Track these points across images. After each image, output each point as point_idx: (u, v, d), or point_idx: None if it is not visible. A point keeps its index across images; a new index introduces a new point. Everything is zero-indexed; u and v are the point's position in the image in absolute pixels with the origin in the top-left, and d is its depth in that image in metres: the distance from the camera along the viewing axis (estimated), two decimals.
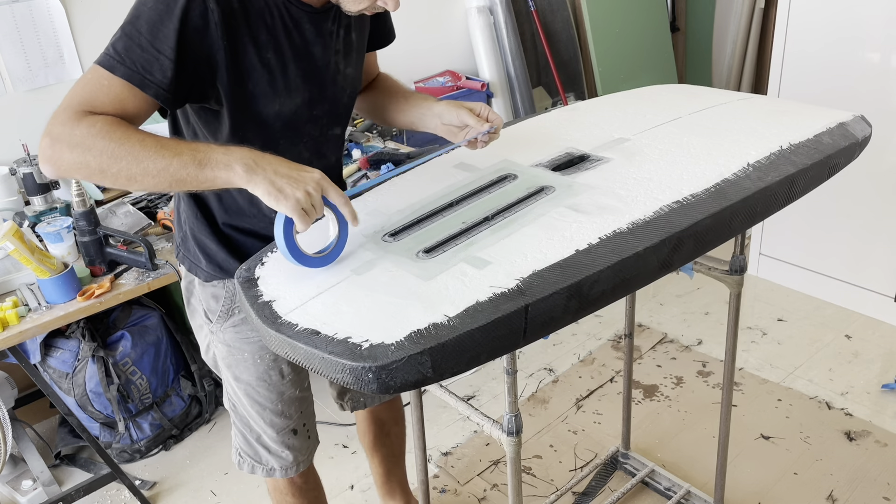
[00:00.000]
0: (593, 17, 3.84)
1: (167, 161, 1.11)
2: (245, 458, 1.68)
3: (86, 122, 1.11)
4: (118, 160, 1.10)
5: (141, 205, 2.51)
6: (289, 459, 1.66)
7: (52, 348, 2.41)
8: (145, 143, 1.11)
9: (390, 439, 2.06)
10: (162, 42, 1.15)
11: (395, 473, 2.13)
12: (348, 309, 1.07)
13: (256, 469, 1.67)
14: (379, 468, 2.12)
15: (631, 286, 1.21)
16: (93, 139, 1.10)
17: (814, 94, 2.91)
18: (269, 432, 1.62)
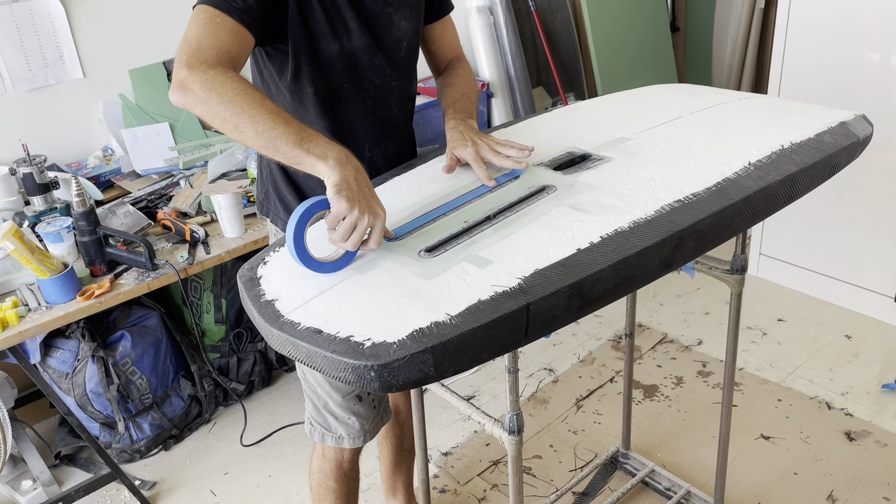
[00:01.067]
0: (593, 17, 3.84)
1: (275, 126, 1.19)
2: (315, 427, 1.71)
3: (219, 67, 1.23)
4: (234, 107, 1.19)
5: (141, 205, 2.51)
6: (355, 427, 1.67)
7: (52, 348, 2.41)
8: (265, 103, 1.21)
9: (402, 430, 2.07)
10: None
11: (401, 469, 2.13)
12: (350, 308, 1.07)
13: (326, 437, 1.70)
14: (386, 459, 2.13)
15: (632, 285, 1.21)
16: (221, 82, 1.20)
17: (814, 94, 2.91)
18: (334, 397, 1.64)
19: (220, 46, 1.25)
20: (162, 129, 2.78)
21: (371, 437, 1.72)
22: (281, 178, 1.58)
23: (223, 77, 1.21)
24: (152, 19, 2.83)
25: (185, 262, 2.23)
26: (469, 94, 1.64)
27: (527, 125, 1.71)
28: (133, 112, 2.78)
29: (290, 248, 1.14)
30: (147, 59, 2.84)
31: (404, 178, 1.48)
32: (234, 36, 1.27)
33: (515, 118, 3.03)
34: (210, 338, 2.74)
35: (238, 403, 2.77)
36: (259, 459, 2.54)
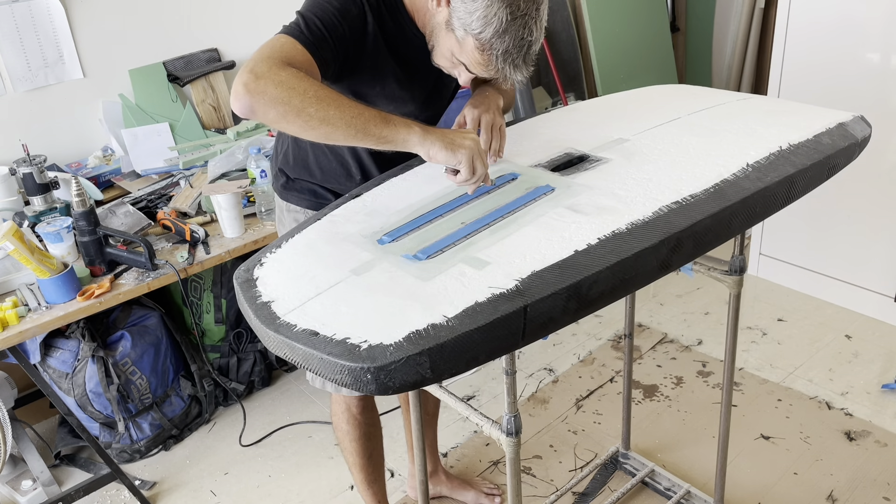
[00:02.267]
0: (593, 17, 3.84)
1: (360, 111, 1.28)
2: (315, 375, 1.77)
3: (291, 69, 1.26)
4: (320, 101, 1.24)
5: (141, 205, 2.51)
6: None
7: (52, 348, 2.41)
8: (340, 96, 1.28)
9: (425, 394, 2.07)
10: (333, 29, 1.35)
11: (427, 434, 2.15)
12: (347, 310, 1.07)
13: (326, 385, 1.74)
14: (409, 429, 2.17)
15: (630, 287, 1.21)
16: (299, 81, 1.24)
17: (814, 94, 2.91)
18: None
19: (292, 59, 1.28)
20: (162, 129, 2.78)
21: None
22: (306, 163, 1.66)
23: (298, 76, 1.25)
24: (152, 19, 2.83)
25: (185, 262, 2.23)
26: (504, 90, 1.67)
27: (526, 125, 1.71)
28: (133, 112, 2.78)
29: None
30: (147, 59, 2.84)
31: (402, 178, 1.48)
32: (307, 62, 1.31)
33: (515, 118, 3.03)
34: (210, 338, 2.75)
35: (238, 403, 2.77)
36: (259, 459, 2.54)
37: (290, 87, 1.23)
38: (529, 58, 1.34)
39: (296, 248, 1.28)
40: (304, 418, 2.69)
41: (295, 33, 1.32)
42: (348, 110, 1.26)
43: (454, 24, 1.32)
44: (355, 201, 1.41)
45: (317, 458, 2.51)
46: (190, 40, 2.94)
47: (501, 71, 1.33)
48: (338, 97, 1.27)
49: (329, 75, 1.38)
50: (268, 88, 1.22)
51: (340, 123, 1.25)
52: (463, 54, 1.35)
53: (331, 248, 1.25)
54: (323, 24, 1.33)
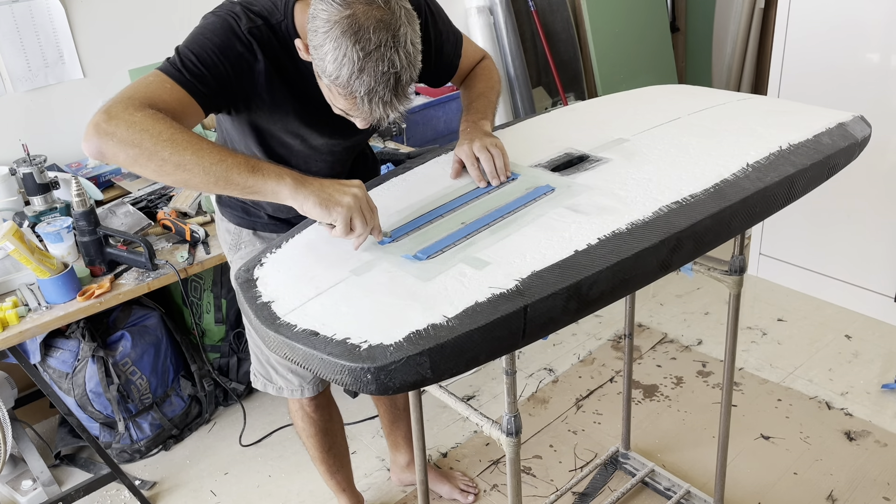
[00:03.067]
0: (593, 17, 3.84)
1: (222, 157, 1.18)
2: (258, 377, 1.85)
3: (148, 110, 1.18)
4: (175, 145, 1.16)
5: (141, 205, 2.51)
6: (294, 382, 1.80)
7: (52, 348, 2.41)
8: (202, 140, 1.19)
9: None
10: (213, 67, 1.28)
11: (399, 426, 2.23)
12: (347, 310, 1.07)
13: (268, 387, 1.83)
14: (384, 418, 2.24)
15: (630, 287, 1.21)
16: (154, 123, 1.16)
17: (814, 94, 2.91)
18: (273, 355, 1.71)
19: (155, 99, 1.21)
20: None
21: (315, 392, 1.82)
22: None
23: (154, 117, 1.17)
24: (152, 19, 2.83)
25: (185, 262, 2.23)
26: (486, 93, 1.63)
27: (526, 125, 1.71)
28: None
29: None
30: (147, 60, 2.84)
31: (402, 179, 1.48)
32: (176, 101, 1.24)
33: (515, 118, 3.03)
34: (210, 338, 2.75)
35: (238, 403, 2.77)
36: (259, 459, 2.54)
37: (142, 129, 1.15)
38: (402, 88, 1.19)
39: (296, 248, 1.28)
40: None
41: (168, 70, 1.26)
42: (208, 156, 1.17)
43: (317, 71, 1.23)
44: None
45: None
46: None
47: (372, 113, 1.20)
48: (198, 141, 1.17)
49: (217, 108, 1.34)
50: (118, 130, 1.15)
51: (197, 170, 1.16)
52: (333, 102, 1.26)
53: (331, 248, 1.25)
54: (199, 61, 1.27)
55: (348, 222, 1.20)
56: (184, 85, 1.25)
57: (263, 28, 1.33)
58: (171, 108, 1.22)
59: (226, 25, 1.32)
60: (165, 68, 1.27)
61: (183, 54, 1.28)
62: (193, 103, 1.26)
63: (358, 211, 1.20)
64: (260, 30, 1.33)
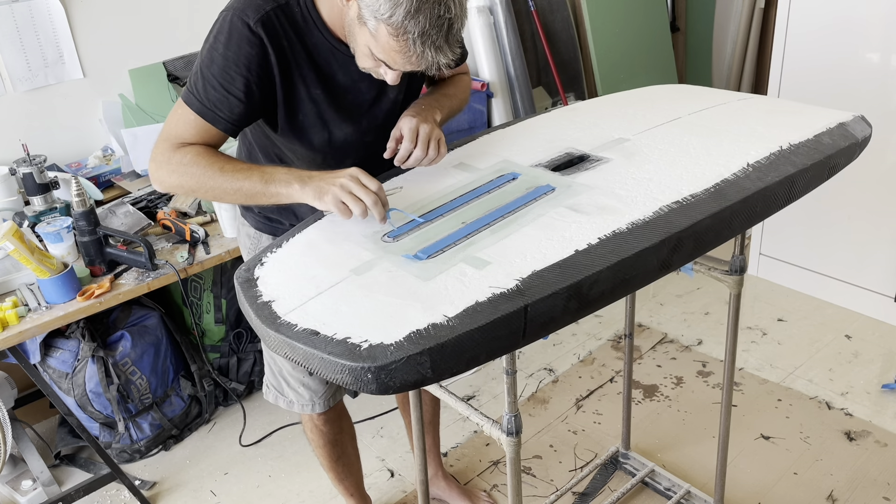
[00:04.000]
0: (593, 17, 3.84)
1: (241, 182, 1.34)
2: (270, 389, 1.85)
3: (179, 153, 1.37)
4: (205, 182, 1.35)
5: (141, 205, 2.51)
6: (305, 396, 1.80)
7: (52, 348, 2.41)
8: (224, 168, 1.35)
9: (423, 401, 2.08)
10: (231, 85, 1.34)
11: (427, 438, 2.16)
12: (348, 309, 1.07)
13: (279, 399, 1.84)
14: (410, 430, 2.19)
15: (630, 286, 1.21)
16: (184, 167, 1.36)
17: (814, 94, 2.91)
18: (287, 367, 1.75)
19: (185, 138, 1.38)
20: None
21: (326, 406, 1.82)
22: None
23: (188, 158, 1.35)
24: (152, 19, 2.83)
25: (185, 262, 2.23)
26: (454, 97, 1.62)
27: (526, 125, 1.71)
28: (133, 112, 2.78)
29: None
30: (147, 59, 2.84)
31: (402, 178, 1.48)
32: (204, 136, 1.38)
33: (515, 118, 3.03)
34: (210, 338, 2.75)
35: (238, 403, 2.77)
36: (259, 459, 2.54)
37: (181, 174, 1.36)
38: (453, 37, 1.24)
39: (296, 247, 1.28)
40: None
41: (189, 100, 1.37)
42: (231, 183, 1.34)
43: (364, 14, 1.23)
44: None
45: (317, 459, 2.51)
46: (190, 40, 2.94)
47: (423, 56, 1.23)
48: (220, 172, 1.34)
49: (242, 126, 1.41)
50: (163, 177, 1.38)
51: (229, 196, 1.36)
52: (379, 48, 1.25)
53: (331, 247, 1.25)
54: (218, 82, 1.34)
55: (341, 206, 1.27)
56: (205, 116, 1.36)
57: (273, 13, 1.34)
58: (199, 141, 1.39)
59: (234, 28, 1.33)
60: (188, 98, 1.37)
61: (204, 77, 1.35)
62: (217, 133, 1.39)
63: (346, 194, 1.26)
64: (269, 17, 1.34)
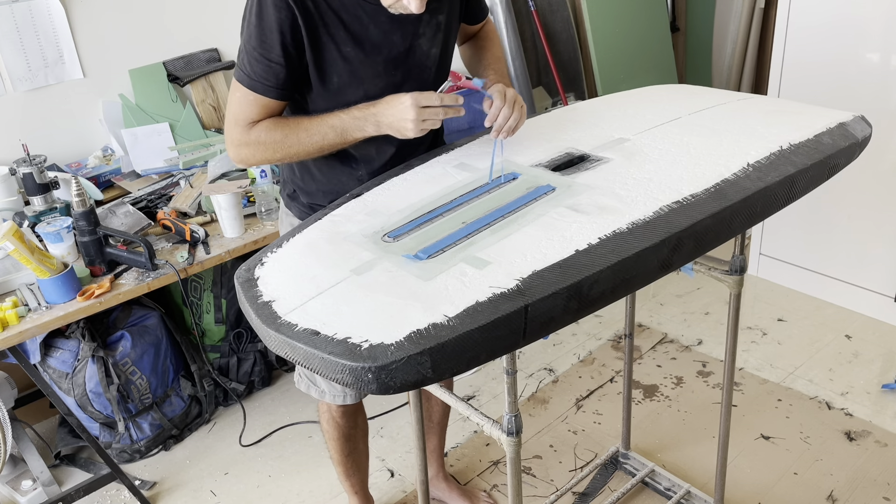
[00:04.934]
0: (593, 17, 3.84)
1: (320, 143, 1.46)
2: (303, 378, 1.84)
3: (253, 131, 1.47)
4: (288, 147, 1.46)
5: (141, 205, 2.51)
6: (337, 388, 1.79)
7: (52, 348, 2.41)
8: (300, 136, 1.46)
9: (429, 404, 2.11)
10: (270, 52, 1.41)
11: (431, 440, 2.19)
12: (348, 309, 1.07)
13: (311, 389, 1.82)
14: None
15: (631, 286, 1.21)
16: (263, 144, 1.47)
17: (814, 94, 2.91)
18: None
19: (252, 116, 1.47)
20: (162, 129, 2.78)
21: (355, 399, 1.83)
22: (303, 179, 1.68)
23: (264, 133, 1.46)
24: (152, 19, 2.83)
25: (185, 262, 2.23)
26: (502, 59, 1.70)
27: (526, 125, 1.71)
28: (133, 112, 2.78)
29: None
30: (147, 59, 2.84)
31: (402, 178, 1.48)
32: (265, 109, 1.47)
33: None
34: (210, 338, 2.75)
35: (238, 403, 2.77)
36: (259, 459, 2.54)
37: (263, 147, 1.47)
38: None
39: (297, 247, 1.28)
40: (304, 418, 2.69)
41: (242, 78, 1.44)
42: (311, 144, 1.45)
43: None
44: (356, 201, 1.41)
45: (317, 458, 2.51)
46: (190, 40, 2.94)
47: None
48: (297, 140, 1.45)
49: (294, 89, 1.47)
50: (247, 156, 1.49)
51: (314, 152, 1.48)
52: None
53: (332, 247, 1.25)
54: (260, 54, 1.40)
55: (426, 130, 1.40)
56: (256, 89, 1.43)
57: None
58: (264, 115, 1.47)
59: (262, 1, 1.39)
60: (238, 76, 1.45)
61: (247, 52, 1.43)
62: (275, 103, 1.46)
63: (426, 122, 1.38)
64: None
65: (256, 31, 1.40)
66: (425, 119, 1.38)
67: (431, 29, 1.51)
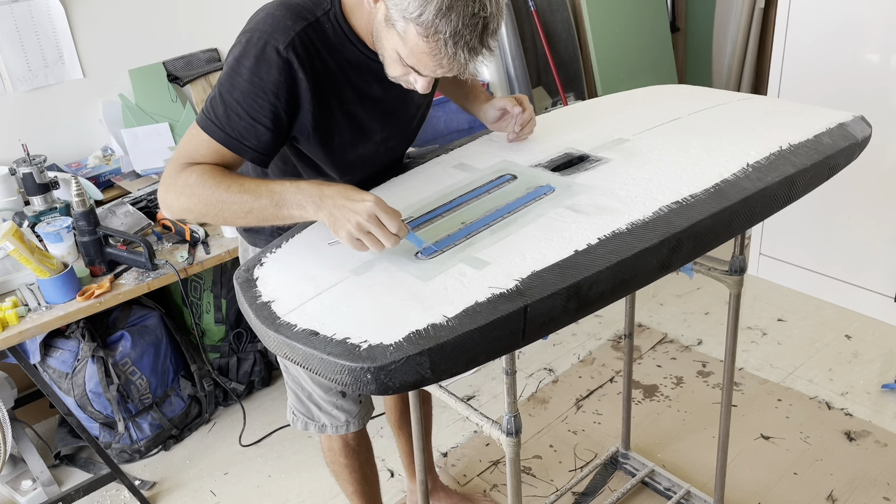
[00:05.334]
0: (593, 17, 3.84)
1: (251, 205, 1.23)
2: (298, 416, 1.75)
3: (185, 172, 1.26)
4: (213, 206, 1.25)
5: (141, 205, 2.51)
6: (340, 419, 1.71)
7: (52, 348, 2.41)
8: (231, 189, 1.24)
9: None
10: (258, 112, 1.25)
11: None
12: (347, 309, 1.07)
13: (309, 426, 1.74)
14: (405, 446, 2.15)
15: (630, 287, 1.21)
16: (191, 188, 1.25)
17: (814, 94, 2.91)
18: (317, 391, 1.67)
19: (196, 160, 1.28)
20: (162, 129, 2.78)
21: (358, 427, 1.75)
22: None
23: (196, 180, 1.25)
24: (152, 19, 2.83)
25: (185, 262, 2.23)
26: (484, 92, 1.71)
27: None
28: (133, 112, 2.78)
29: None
30: (147, 59, 2.84)
31: (402, 179, 1.48)
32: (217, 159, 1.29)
33: None
34: (210, 338, 2.75)
35: (238, 403, 2.77)
36: (259, 459, 2.54)
37: (188, 196, 1.25)
38: (487, 38, 1.15)
39: (296, 248, 1.28)
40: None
41: (212, 130, 1.27)
42: (240, 206, 1.23)
43: (392, 15, 1.15)
44: None
45: (317, 458, 2.51)
46: (190, 40, 2.94)
47: (455, 59, 1.14)
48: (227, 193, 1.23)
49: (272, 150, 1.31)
50: (172, 200, 1.27)
51: (239, 220, 1.26)
52: (408, 51, 1.18)
53: (331, 248, 1.25)
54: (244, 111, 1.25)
55: (356, 243, 1.18)
56: (230, 146, 1.27)
57: (304, 34, 1.25)
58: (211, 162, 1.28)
59: (261, 53, 1.24)
60: (206, 126, 1.27)
61: (226, 104, 1.26)
62: (237, 159, 1.29)
63: (364, 234, 1.17)
64: (300, 39, 1.25)
65: (247, 87, 1.24)
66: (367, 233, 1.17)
67: None
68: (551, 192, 1.34)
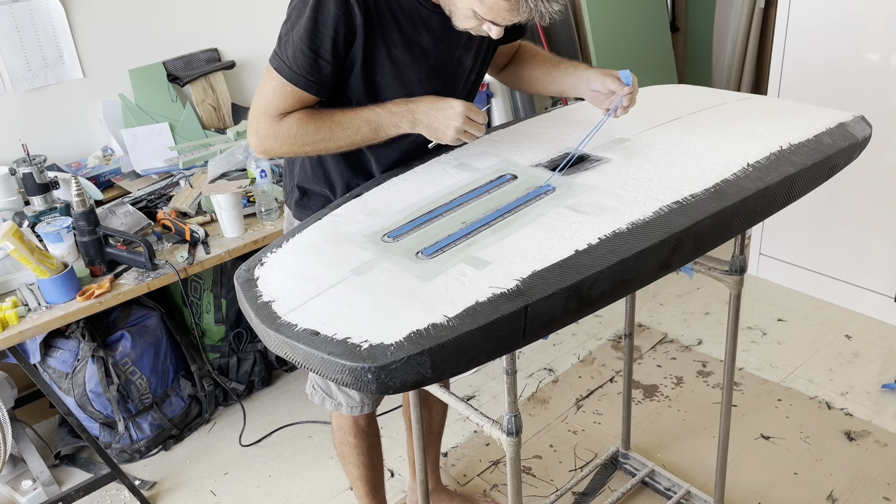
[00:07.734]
0: (593, 17, 3.84)
1: (352, 138, 1.43)
2: (317, 391, 1.79)
3: (284, 124, 1.42)
4: (317, 146, 1.43)
5: (141, 205, 2.51)
6: (355, 399, 1.75)
7: (52, 348, 2.41)
8: (332, 129, 1.42)
9: (430, 414, 2.09)
10: (319, 47, 1.36)
11: (429, 451, 2.14)
12: (348, 309, 1.07)
13: (326, 402, 1.77)
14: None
15: (630, 286, 1.21)
16: (293, 137, 1.42)
17: (814, 94, 2.91)
18: None
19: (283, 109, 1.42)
20: (162, 129, 2.78)
21: (372, 409, 1.78)
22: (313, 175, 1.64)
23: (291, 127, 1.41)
24: (152, 19, 2.83)
25: (185, 262, 2.23)
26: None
27: (526, 125, 1.71)
28: (133, 112, 2.78)
29: None
30: (147, 59, 2.84)
31: (402, 178, 1.48)
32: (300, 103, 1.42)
33: (515, 118, 3.03)
34: (210, 338, 2.75)
35: (238, 403, 2.77)
36: (259, 459, 2.54)
37: (291, 140, 1.42)
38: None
39: (296, 247, 1.28)
40: (304, 418, 2.69)
41: (281, 68, 1.39)
42: (343, 139, 1.42)
43: None
44: (356, 201, 1.41)
45: (317, 458, 2.51)
46: (190, 40, 2.94)
47: (535, 8, 1.25)
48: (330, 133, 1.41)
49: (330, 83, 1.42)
50: (272, 148, 1.44)
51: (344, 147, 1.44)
52: (485, 8, 1.27)
53: (331, 247, 1.25)
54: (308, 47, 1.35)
55: (459, 141, 1.41)
56: (297, 83, 1.39)
57: None
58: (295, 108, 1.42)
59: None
60: (277, 66, 1.39)
61: (293, 43, 1.37)
62: (310, 97, 1.42)
63: (463, 134, 1.40)
64: None
65: (309, 24, 1.34)
66: (467, 131, 1.39)
67: (477, 44, 1.51)
68: (552, 192, 1.34)
